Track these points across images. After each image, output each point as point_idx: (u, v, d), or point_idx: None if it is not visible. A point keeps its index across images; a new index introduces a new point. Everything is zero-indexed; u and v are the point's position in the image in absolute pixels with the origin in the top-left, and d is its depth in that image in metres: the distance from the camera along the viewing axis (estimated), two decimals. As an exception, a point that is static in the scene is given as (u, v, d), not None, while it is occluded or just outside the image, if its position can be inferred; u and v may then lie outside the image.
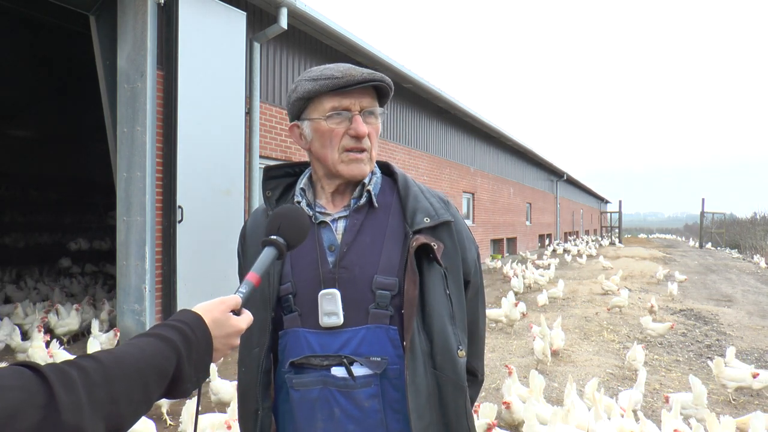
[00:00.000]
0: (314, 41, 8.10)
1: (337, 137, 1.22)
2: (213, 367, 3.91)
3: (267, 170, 1.38)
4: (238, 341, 0.96)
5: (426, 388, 1.17)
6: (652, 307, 8.42)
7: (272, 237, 1.05)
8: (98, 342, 5.02)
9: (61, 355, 4.66)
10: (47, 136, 13.77)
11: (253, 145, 6.52)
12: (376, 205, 1.28)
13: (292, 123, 1.30)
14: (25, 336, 5.85)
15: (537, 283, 11.97)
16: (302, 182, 1.33)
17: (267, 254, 1.03)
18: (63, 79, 11.44)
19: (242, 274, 1.39)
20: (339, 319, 1.18)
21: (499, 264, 15.11)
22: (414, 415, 1.14)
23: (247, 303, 0.99)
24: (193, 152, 5.51)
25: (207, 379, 3.70)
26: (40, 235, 13.44)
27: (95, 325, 5.52)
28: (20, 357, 5.38)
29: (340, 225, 1.27)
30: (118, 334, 5.35)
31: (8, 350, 5.68)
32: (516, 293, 10.47)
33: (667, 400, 3.38)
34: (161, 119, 5.44)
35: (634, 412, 3.70)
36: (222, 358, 0.95)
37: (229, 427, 3.19)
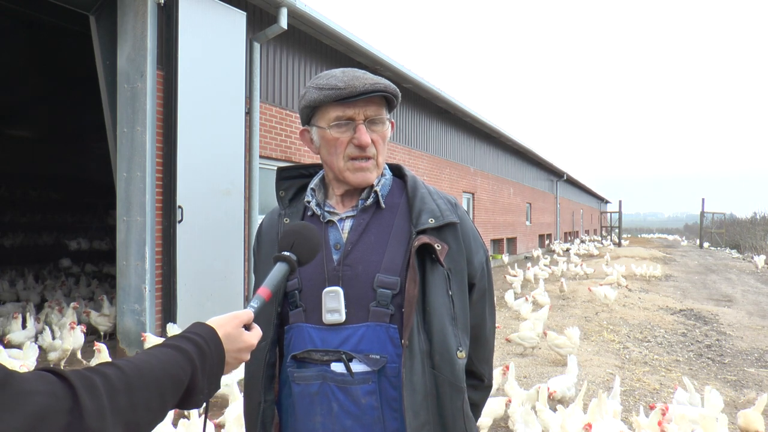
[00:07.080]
0: (314, 41, 8.10)
1: (341, 146, 1.24)
2: None
3: (280, 171, 1.40)
4: (248, 356, 0.99)
5: (423, 387, 1.18)
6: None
7: (285, 254, 1.07)
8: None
9: None
10: (47, 136, 13.78)
11: (253, 145, 6.52)
12: (383, 205, 1.30)
13: (303, 128, 1.33)
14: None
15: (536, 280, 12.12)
16: (314, 183, 1.36)
17: (279, 270, 1.06)
18: (63, 79, 11.42)
19: (257, 272, 1.42)
20: (341, 317, 1.20)
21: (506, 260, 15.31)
22: (409, 413, 1.15)
23: (258, 316, 1.01)
24: (193, 152, 5.51)
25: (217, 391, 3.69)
26: (40, 235, 13.44)
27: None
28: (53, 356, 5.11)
29: (347, 224, 1.29)
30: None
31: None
32: (516, 293, 10.45)
33: (652, 408, 3.39)
34: (161, 119, 5.44)
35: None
36: (232, 371, 0.97)
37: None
